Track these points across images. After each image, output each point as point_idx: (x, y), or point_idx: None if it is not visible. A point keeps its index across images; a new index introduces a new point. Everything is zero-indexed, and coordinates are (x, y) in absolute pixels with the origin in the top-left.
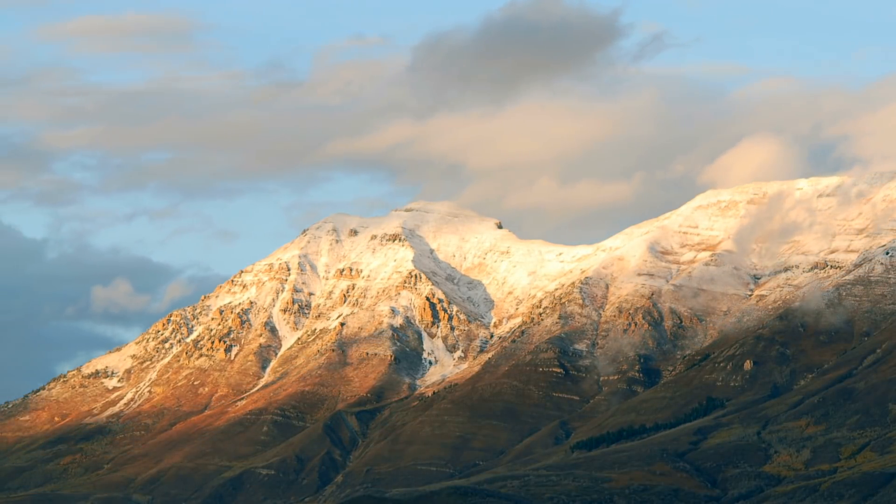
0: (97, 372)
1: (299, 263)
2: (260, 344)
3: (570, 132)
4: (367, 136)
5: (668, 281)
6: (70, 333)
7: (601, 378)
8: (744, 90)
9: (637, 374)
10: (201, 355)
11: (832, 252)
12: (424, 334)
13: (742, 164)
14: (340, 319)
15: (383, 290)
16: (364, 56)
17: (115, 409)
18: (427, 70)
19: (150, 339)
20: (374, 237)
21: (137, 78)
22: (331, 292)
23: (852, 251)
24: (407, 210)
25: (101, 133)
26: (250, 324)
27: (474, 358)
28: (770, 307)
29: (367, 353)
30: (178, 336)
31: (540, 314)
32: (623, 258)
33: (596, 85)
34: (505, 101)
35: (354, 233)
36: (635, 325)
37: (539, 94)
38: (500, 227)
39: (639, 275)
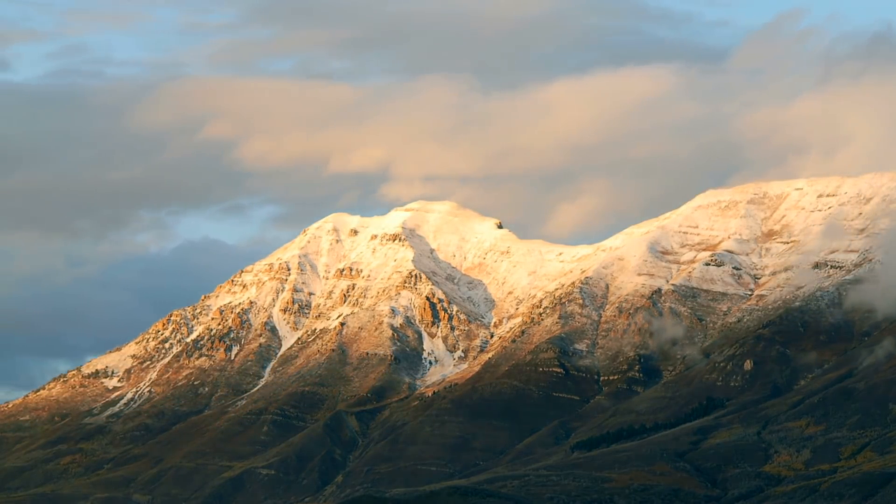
0: (97, 372)
1: (299, 263)
2: (260, 344)
3: None
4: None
5: (668, 281)
6: None
7: (601, 378)
8: None
9: (637, 374)
10: (201, 355)
11: (832, 252)
12: (424, 334)
13: None
14: (340, 319)
15: (383, 290)
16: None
17: (115, 409)
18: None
19: (150, 339)
20: (374, 237)
21: None
22: (331, 292)
23: (852, 251)
24: (407, 210)
25: None
26: (250, 324)
27: (474, 358)
28: (770, 307)
29: (367, 353)
30: (178, 336)
31: (540, 314)
32: (623, 258)
33: None
34: None
35: (355, 232)
36: (635, 325)
37: None
38: (500, 226)
39: (639, 275)
